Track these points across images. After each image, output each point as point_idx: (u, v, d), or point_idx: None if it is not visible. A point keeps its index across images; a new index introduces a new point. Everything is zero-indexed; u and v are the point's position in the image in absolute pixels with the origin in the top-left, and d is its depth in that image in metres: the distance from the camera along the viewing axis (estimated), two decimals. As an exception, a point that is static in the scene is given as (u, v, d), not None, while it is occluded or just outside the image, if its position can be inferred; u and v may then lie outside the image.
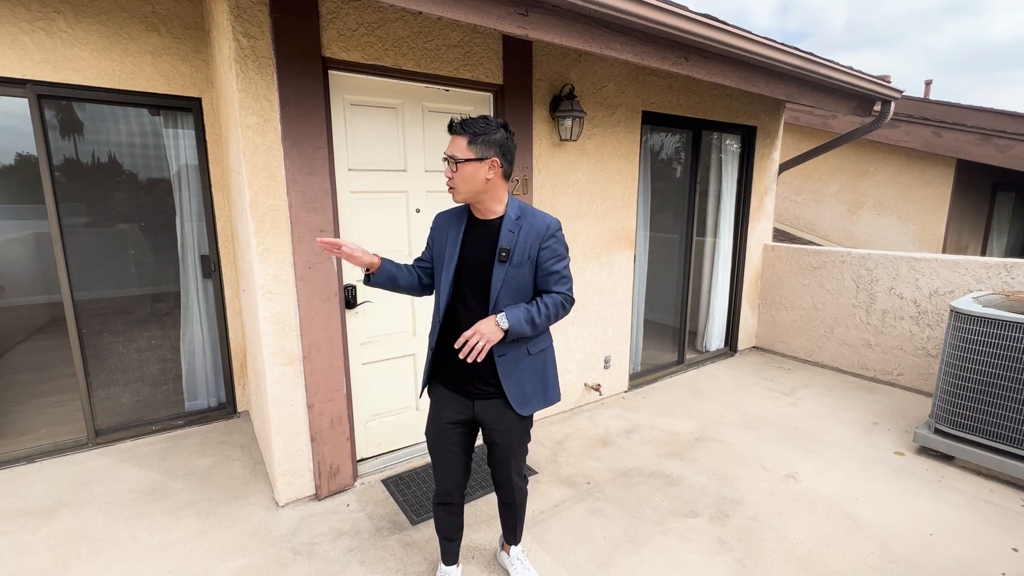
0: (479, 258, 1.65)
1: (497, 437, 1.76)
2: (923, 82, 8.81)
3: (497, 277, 1.62)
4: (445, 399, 1.77)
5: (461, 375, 1.72)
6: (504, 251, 1.61)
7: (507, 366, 1.69)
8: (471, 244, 1.67)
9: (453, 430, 1.77)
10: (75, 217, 2.99)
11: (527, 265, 1.63)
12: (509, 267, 1.62)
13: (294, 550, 2.23)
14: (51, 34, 2.68)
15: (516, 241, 1.62)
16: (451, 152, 1.57)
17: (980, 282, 3.59)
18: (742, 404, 3.78)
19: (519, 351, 1.71)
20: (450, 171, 1.58)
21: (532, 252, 1.63)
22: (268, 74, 2.18)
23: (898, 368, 4.08)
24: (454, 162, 1.56)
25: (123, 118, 3.06)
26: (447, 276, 1.67)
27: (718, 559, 2.19)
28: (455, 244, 1.67)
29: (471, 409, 1.74)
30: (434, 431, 1.80)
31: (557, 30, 2.37)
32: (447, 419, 1.76)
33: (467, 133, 1.55)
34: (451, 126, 1.59)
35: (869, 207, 6.66)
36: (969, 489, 2.70)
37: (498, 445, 1.79)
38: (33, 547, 2.24)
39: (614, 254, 3.71)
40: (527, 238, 1.62)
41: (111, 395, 3.22)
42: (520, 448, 1.83)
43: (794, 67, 3.29)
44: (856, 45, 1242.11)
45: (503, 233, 1.62)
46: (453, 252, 1.67)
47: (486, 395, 1.71)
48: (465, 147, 1.55)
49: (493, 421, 1.74)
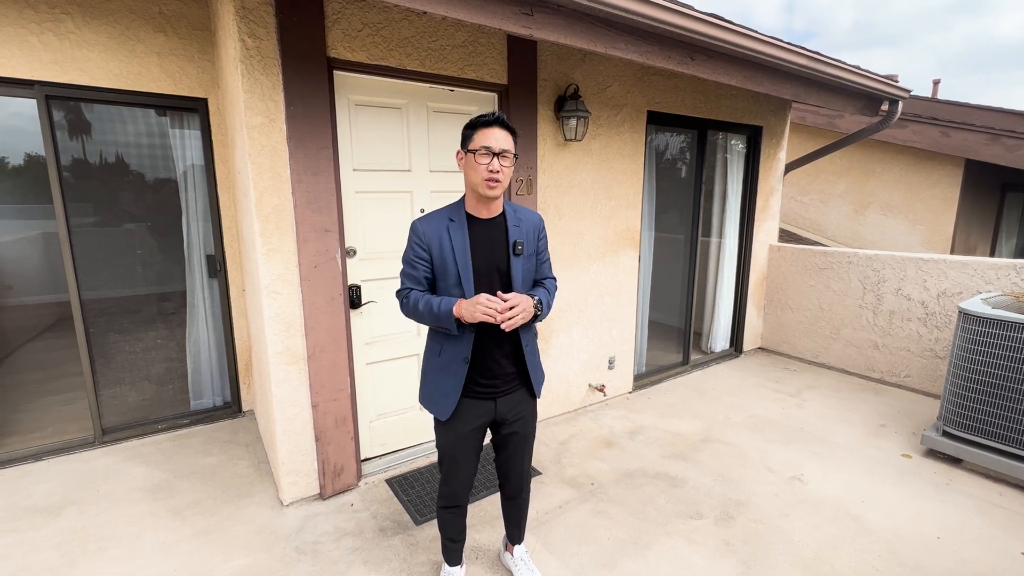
0: (492, 256, 1.64)
1: (518, 427, 1.80)
2: (931, 81, 8.75)
3: (516, 270, 1.65)
4: (467, 407, 1.72)
5: (488, 377, 1.70)
6: (519, 244, 1.65)
7: (530, 354, 1.76)
8: (479, 244, 1.63)
9: (474, 436, 1.76)
10: (82, 217, 3.01)
11: (533, 257, 1.73)
12: (523, 259, 1.67)
13: (298, 549, 2.23)
14: (59, 35, 2.70)
15: (521, 235, 1.67)
16: (505, 146, 1.55)
17: (989, 283, 3.55)
18: (747, 405, 3.76)
19: (533, 338, 1.79)
20: (500, 164, 1.55)
21: (532, 244, 1.71)
22: (273, 74, 2.19)
23: (905, 370, 4.05)
24: (512, 157, 1.58)
25: (130, 119, 3.08)
26: (468, 283, 1.60)
27: (723, 561, 2.17)
28: (464, 249, 1.60)
29: (493, 411, 1.74)
30: (454, 439, 1.75)
31: (562, 30, 2.36)
32: (471, 426, 1.73)
33: (513, 131, 1.59)
34: (501, 120, 1.57)
35: (876, 207, 6.61)
36: (977, 492, 2.67)
37: (517, 435, 1.82)
38: (40, 544, 2.25)
39: (619, 254, 3.70)
40: (528, 232, 1.69)
41: (117, 394, 3.24)
42: (534, 433, 1.91)
43: (801, 66, 3.27)
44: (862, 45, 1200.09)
45: (511, 228, 1.66)
46: (465, 257, 1.60)
47: (510, 390, 1.74)
48: (513, 143, 1.59)
49: (516, 411, 1.77)
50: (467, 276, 1.60)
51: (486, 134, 1.55)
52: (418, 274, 1.65)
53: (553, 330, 3.41)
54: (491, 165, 1.54)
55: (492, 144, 1.54)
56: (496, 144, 1.54)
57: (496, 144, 1.54)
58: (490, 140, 1.54)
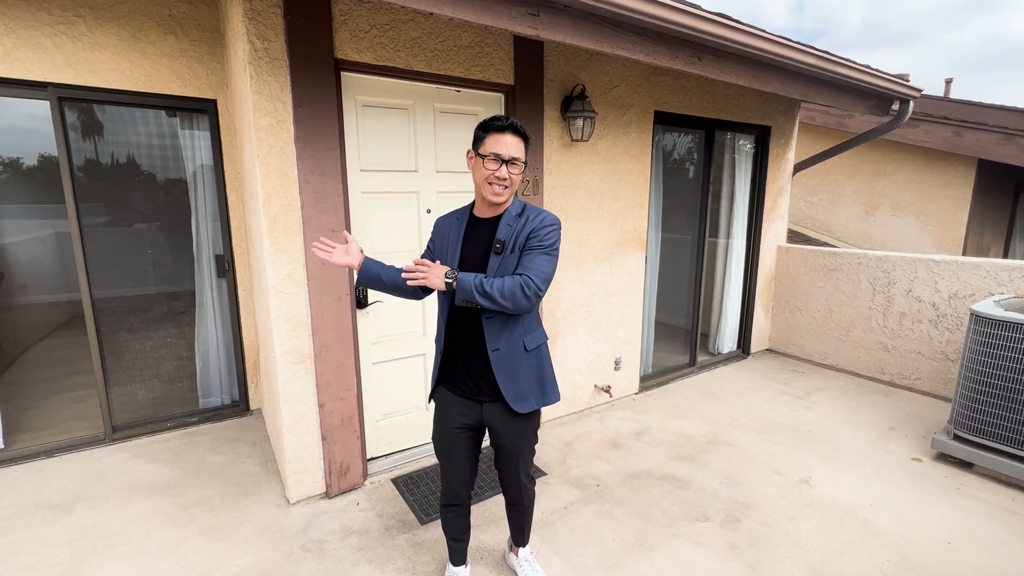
0: (476, 252, 1.66)
1: (504, 440, 1.75)
2: (943, 80, 8.65)
3: (491, 268, 1.61)
4: (452, 404, 1.76)
5: (467, 376, 1.71)
6: (499, 242, 1.62)
7: (500, 360, 1.66)
8: (472, 242, 1.68)
9: (461, 434, 1.77)
10: (94, 217, 3.05)
11: (517, 253, 1.61)
12: (503, 257, 1.61)
13: (305, 548, 2.25)
14: (72, 38, 2.73)
15: (511, 234, 1.62)
16: (515, 153, 1.56)
17: (1002, 285, 3.50)
18: (755, 407, 3.73)
19: (514, 346, 1.67)
20: (508, 171, 1.56)
21: (521, 241, 1.61)
22: (281, 76, 2.20)
23: (916, 372, 4.00)
24: (521, 164, 1.58)
25: (141, 120, 3.11)
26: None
27: (729, 564, 2.16)
28: (456, 243, 1.68)
29: (479, 413, 1.74)
30: (441, 435, 1.79)
31: (568, 30, 2.36)
32: (455, 424, 1.75)
33: (526, 137, 1.60)
34: (515, 127, 1.57)
35: (886, 208, 6.54)
36: (989, 497, 2.63)
37: (505, 448, 1.78)
38: (52, 540, 2.28)
39: (625, 255, 3.69)
40: (523, 230, 1.61)
41: (128, 392, 3.28)
42: (527, 450, 1.82)
43: (810, 66, 3.24)
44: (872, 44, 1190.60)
45: (501, 227, 1.63)
46: (455, 251, 1.68)
47: (493, 398, 1.71)
48: (523, 150, 1.59)
49: (500, 424, 1.73)
50: (453, 267, 1.66)
51: (498, 140, 1.55)
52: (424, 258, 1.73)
53: (559, 331, 3.41)
54: (499, 172, 1.55)
55: (502, 151, 1.55)
56: (506, 151, 1.55)
57: (506, 151, 1.55)
58: (500, 147, 1.55)
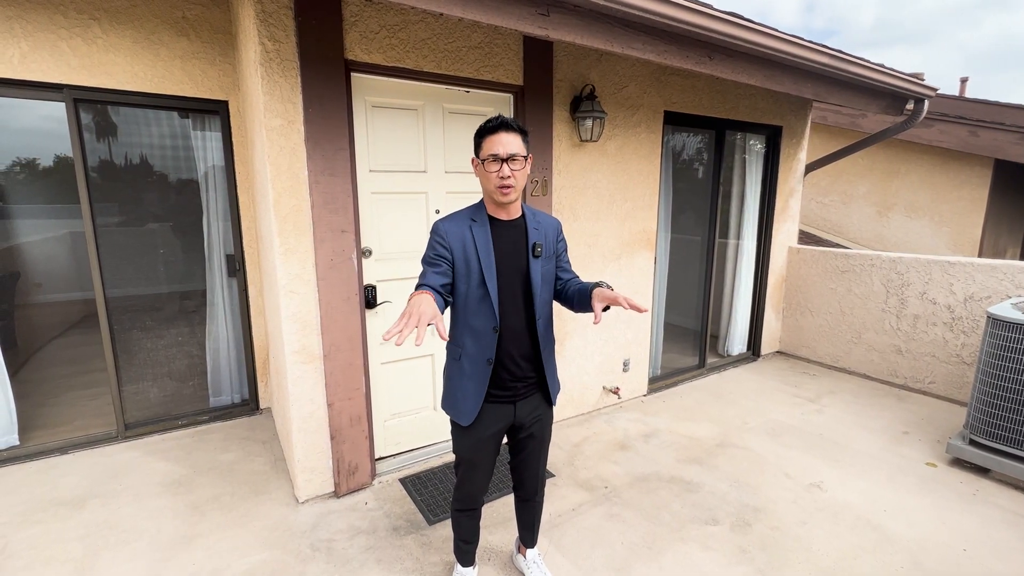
0: (513, 256, 1.64)
1: (535, 430, 1.80)
2: (958, 79, 8.52)
3: (535, 272, 1.65)
4: (489, 413, 1.70)
5: (510, 380, 1.69)
6: (538, 246, 1.65)
7: (548, 356, 1.75)
8: (502, 244, 1.63)
9: (493, 441, 1.75)
10: (108, 217, 3.09)
11: (553, 259, 1.73)
12: (542, 261, 1.67)
13: (313, 546, 2.26)
14: (87, 40, 2.77)
15: (540, 237, 1.68)
16: (513, 150, 1.53)
17: (1019, 287, 3.44)
18: (765, 410, 3.70)
19: (550, 341, 1.77)
20: (510, 169, 1.53)
21: (551, 247, 1.72)
22: (292, 77, 2.21)
23: (930, 376, 3.94)
24: (522, 159, 1.56)
25: (154, 121, 3.15)
26: (492, 281, 1.59)
27: (739, 569, 2.14)
28: (487, 247, 1.59)
29: (512, 415, 1.73)
30: (472, 444, 1.73)
31: (578, 30, 2.35)
32: (491, 431, 1.72)
33: (521, 131, 1.58)
34: (505, 124, 1.55)
35: (900, 209, 6.45)
36: (1006, 503, 2.58)
37: (534, 438, 1.81)
38: (65, 536, 2.31)
39: (634, 256, 3.67)
40: (547, 234, 1.70)
41: (140, 390, 3.32)
42: (551, 437, 1.91)
43: (822, 65, 3.20)
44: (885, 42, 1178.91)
45: (531, 231, 1.66)
46: (489, 256, 1.59)
47: (527, 393, 1.74)
48: (522, 144, 1.57)
49: (533, 414, 1.77)
50: (491, 275, 1.59)
51: (492, 141, 1.54)
52: (440, 271, 1.56)
53: (567, 332, 3.40)
54: (501, 172, 1.53)
55: (499, 151, 1.52)
56: (503, 150, 1.52)
57: (503, 150, 1.52)
58: (497, 147, 1.53)
